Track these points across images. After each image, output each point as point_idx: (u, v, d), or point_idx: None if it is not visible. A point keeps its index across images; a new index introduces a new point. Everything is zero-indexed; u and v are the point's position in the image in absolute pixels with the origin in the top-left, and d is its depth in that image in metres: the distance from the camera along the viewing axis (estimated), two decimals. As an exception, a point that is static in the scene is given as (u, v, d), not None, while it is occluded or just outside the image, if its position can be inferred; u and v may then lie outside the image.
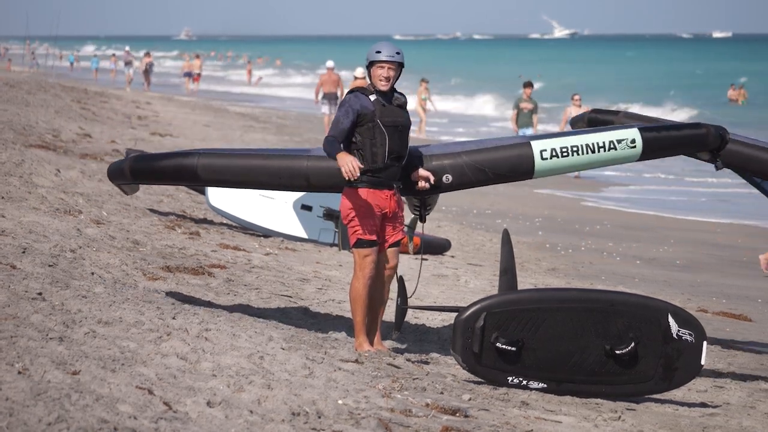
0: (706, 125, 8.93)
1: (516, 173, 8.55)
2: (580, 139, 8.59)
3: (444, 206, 20.59)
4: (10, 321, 6.73)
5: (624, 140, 8.61)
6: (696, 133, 8.83)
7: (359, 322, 8.19)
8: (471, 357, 7.61)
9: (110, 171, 9.07)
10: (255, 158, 8.65)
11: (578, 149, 8.53)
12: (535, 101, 28.18)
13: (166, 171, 8.73)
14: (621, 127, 8.79)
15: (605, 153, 8.59)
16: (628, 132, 8.66)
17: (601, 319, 7.70)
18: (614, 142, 8.60)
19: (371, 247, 8.15)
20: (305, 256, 13.23)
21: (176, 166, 8.67)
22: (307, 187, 8.68)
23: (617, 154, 8.62)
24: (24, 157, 15.12)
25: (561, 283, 13.60)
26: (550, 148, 8.49)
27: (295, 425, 5.83)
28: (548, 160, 8.49)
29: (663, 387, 7.82)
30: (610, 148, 8.59)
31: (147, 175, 8.84)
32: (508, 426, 6.67)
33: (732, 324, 11.85)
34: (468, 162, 8.47)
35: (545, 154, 8.49)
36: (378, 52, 8.16)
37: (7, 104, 23.79)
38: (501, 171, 8.51)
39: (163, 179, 8.94)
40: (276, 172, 8.56)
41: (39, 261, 8.83)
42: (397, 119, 8.16)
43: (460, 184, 8.49)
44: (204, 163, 8.58)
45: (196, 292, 9.67)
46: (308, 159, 8.53)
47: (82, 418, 5.12)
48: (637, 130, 8.67)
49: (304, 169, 8.50)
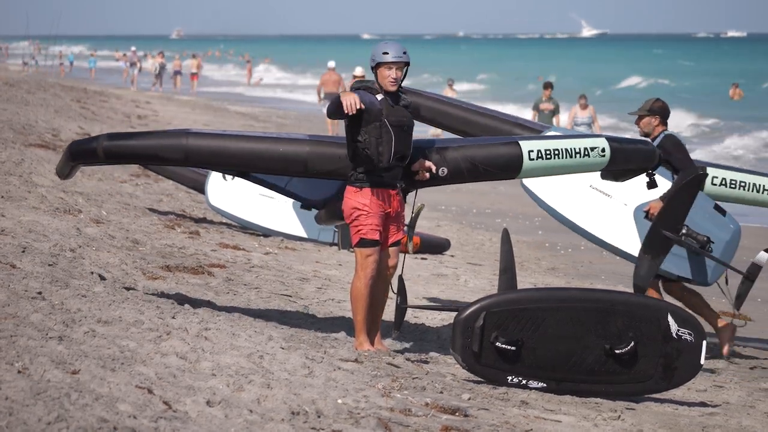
0: (651, 143, 9.25)
1: (505, 170, 8.60)
2: (561, 143, 8.71)
3: (444, 206, 20.59)
4: (10, 320, 6.73)
5: (596, 148, 8.78)
6: (647, 149, 9.01)
7: (360, 321, 8.19)
8: (470, 356, 7.61)
9: (74, 152, 8.45)
10: (250, 141, 8.42)
11: (559, 152, 8.68)
12: (556, 102, 27.51)
13: (150, 151, 8.34)
14: (591, 136, 8.98)
15: (580, 159, 8.74)
16: (598, 140, 8.82)
17: (601, 318, 7.71)
18: (588, 149, 8.76)
19: (374, 246, 8.15)
20: (305, 255, 13.23)
21: (162, 146, 8.32)
22: (305, 173, 8.49)
23: (589, 161, 8.77)
24: (24, 157, 15.12)
25: (561, 283, 13.60)
26: (537, 149, 8.59)
27: (294, 424, 5.83)
28: (535, 161, 8.58)
29: (662, 386, 7.83)
30: (585, 155, 8.74)
31: (124, 155, 8.42)
32: (508, 425, 6.67)
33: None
34: (463, 156, 8.49)
35: (532, 154, 8.56)
36: (385, 53, 8.14)
37: (7, 103, 23.78)
38: (492, 167, 8.55)
39: (143, 159, 8.59)
40: (272, 157, 8.36)
41: (39, 260, 8.82)
42: (403, 119, 8.16)
43: (454, 177, 8.51)
44: (194, 145, 8.30)
45: (196, 291, 9.67)
46: (307, 144, 8.41)
47: (82, 417, 5.12)
48: (605, 140, 8.85)
49: (303, 154, 8.37)
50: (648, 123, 10.26)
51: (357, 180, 8.15)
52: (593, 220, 10.27)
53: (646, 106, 10.29)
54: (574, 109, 27.48)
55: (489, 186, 24.71)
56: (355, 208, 8.15)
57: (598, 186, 10.15)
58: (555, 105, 27.38)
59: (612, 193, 10.23)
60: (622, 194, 10.16)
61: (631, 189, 10.00)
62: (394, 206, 8.22)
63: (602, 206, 10.24)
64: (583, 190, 10.28)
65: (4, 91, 26.91)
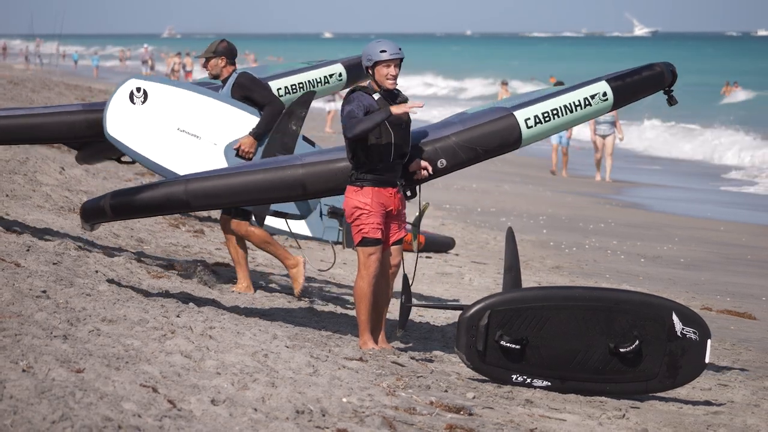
0: (658, 64, 9.12)
1: (505, 145, 8.56)
2: (558, 101, 8.68)
3: (448, 204, 20.59)
4: (15, 319, 6.73)
5: (597, 94, 8.77)
6: (654, 74, 8.99)
7: (364, 320, 8.19)
8: (475, 355, 7.61)
9: (86, 210, 8.64)
10: (245, 175, 8.40)
11: (558, 111, 8.67)
12: None
13: (152, 204, 8.39)
14: (591, 82, 8.91)
15: (582, 110, 8.74)
16: (598, 86, 8.81)
17: (606, 317, 7.70)
18: (588, 99, 8.76)
19: (376, 245, 8.15)
20: (309, 253, 13.24)
21: (162, 197, 8.34)
22: (304, 196, 8.53)
23: (593, 109, 8.78)
24: (28, 155, 15.13)
25: (565, 281, 13.59)
26: (533, 115, 8.57)
27: (299, 423, 5.83)
28: (533, 128, 8.57)
29: (667, 385, 7.82)
30: (586, 105, 8.75)
31: (131, 210, 8.48)
32: (513, 424, 6.67)
33: (736, 322, 11.84)
34: (458, 142, 8.43)
35: (530, 122, 8.55)
36: (383, 51, 8.13)
37: (12, 102, 23.80)
38: (491, 146, 8.50)
39: (149, 212, 8.62)
40: (270, 187, 8.36)
41: (43, 259, 8.83)
42: (401, 117, 8.15)
43: (454, 165, 8.46)
44: (193, 189, 8.31)
45: (200, 290, 9.67)
46: (302, 166, 8.38)
47: (87, 416, 5.12)
48: (605, 83, 8.83)
49: (300, 177, 8.35)
50: (215, 65, 10.09)
51: (357, 179, 8.15)
52: (184, 162, 10.03)
53: (211, 48, 10.09)
54: None
55: (493, 184, 24.71)
56: (356, 207, 8.14)
57: (186, 128, 10.06)
58: None
59: (201, 134, 10.13)
60: (211, 134, 10.07)
61: (219, 128, 10.04)
62: (395, 204, 8.22)
63: (192, 148, 10.08)
64: (172, 133, 10.14)
65: (9, 90, 26.93)
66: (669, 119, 42.19)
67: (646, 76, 8.99)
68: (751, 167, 31.71)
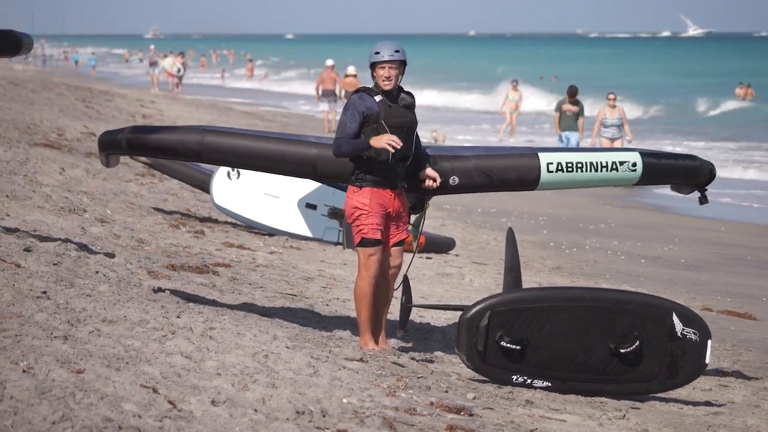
0: (700, 158, 9.09)
1: (522, 182, 8.63)
2: (586, 156, 8.71)
3: (448, 205, 20.59)
4: (15, 319, 6.73)
5: (626, 162, 8.75)
6: (691, 165, 8.96)
7: (364, 321, 8.19)
8: (475, 355, 7.61)
9: (103, 141, 8.74)
10: (261, 140, 8.48)
11: (582, 166, 8.67)
12: (581, 104, 27.17)
13: (166, 145, 8.48)
14: (624, 149, 8.93)
15: (607, 173, 8.73)
16: (630, 155, 8.80)
17: (606, 317, 7.70)
18: (617, 163, 8.75)
19: (376, 246, 8.16)
20: (310, 254, 13.24)
21: (177, 141, 8.46)
22: (313, 175, 8.59)
23: (617, 176, 8.75)
24: (29, 156, 15.13)
25: (565, 282, 13.59)
26: (557, 161, 8.59)
27: (299, 424, 5.83)
28: (554, 174, 8.60)
29: (667, 385, 7.82)
30: (612, 169, 8.74)
31: (145, 148, 8.60)
32: (513, 425, 6.67)
33: (736, 322, 11.84)
34: (476, 166, 8.52)
35: (551, 167, 8.58)
36: (377, 53, 8.16)
37: (12, 102, 23.81)
38: (508, 178, 8.58)
39: (161, 153, 8.68)
40: (282, 157, 8.44)
41: (43, 259, 8.83)
42: (402, 120, 8.16)
43: (465, 186, 8.55)
44: (208, 141, 8.40)
45: (201, 290, 9.67)
46: (316, 146, 8.46)
47: (87, 416, 5.12)
48: (638, 154, 8.82)
49: (312, 156, 8.44)
50: None
51: (357, 180, 8.17)
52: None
53: None
54: (601, 111, 26.68)
55: (494, 185, 24.67)
56: (355, 207, 8.16)
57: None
58: (579, 107, 27.02)
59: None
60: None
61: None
62: (396, 206, 8.23)
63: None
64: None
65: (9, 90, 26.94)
66: None
67: (682, 165, 8.95)
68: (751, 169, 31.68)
